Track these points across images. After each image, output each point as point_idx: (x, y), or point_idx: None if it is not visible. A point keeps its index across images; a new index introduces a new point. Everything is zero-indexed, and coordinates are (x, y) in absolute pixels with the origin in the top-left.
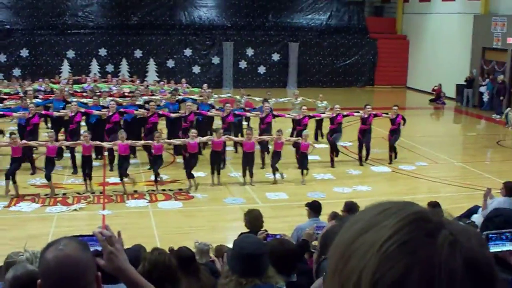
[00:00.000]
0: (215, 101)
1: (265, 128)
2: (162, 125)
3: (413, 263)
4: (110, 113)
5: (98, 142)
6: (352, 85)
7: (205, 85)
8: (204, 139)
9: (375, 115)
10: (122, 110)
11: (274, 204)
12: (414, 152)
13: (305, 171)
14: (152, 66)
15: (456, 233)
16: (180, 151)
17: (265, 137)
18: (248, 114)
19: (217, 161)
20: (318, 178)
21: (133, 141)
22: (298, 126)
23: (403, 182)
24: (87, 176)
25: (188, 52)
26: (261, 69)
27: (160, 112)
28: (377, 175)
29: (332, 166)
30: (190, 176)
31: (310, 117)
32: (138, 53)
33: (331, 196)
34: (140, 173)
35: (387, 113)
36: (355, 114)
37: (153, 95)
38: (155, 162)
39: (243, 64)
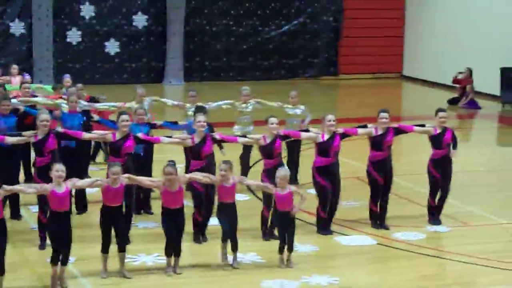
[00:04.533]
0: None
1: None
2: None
3: None
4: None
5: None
6: (294, 75)
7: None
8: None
9: (397, 131)
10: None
11: None
12: (420, 205)
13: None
14: None
15: None
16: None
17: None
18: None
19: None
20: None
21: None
22: (267, 157)
23: (400, 267)
24: None
25: None
26: (111, 46)
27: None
28: (350, 252)
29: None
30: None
31: (284, 137)
32: None
33: None
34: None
35: (422, 125)
36: (360, 131)
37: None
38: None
39: (73, 36)
